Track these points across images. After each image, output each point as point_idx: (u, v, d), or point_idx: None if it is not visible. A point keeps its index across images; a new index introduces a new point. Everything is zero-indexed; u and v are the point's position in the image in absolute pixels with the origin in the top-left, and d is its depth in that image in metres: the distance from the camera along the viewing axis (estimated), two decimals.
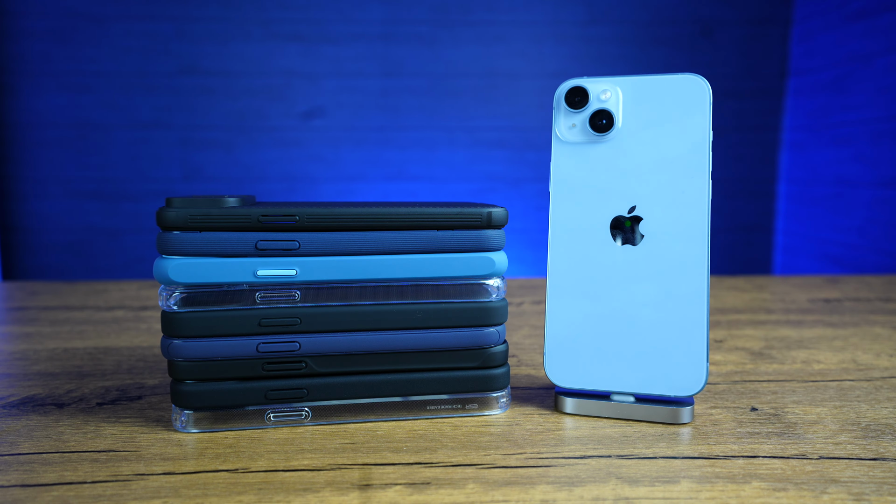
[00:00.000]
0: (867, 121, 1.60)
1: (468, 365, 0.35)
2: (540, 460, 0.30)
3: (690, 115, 0.33)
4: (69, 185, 1.84)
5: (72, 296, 0.70)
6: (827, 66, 1.75)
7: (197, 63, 1.82)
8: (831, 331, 0.56)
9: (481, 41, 1.86)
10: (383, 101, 1.87)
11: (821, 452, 0.31)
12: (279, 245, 0.32)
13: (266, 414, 0.33)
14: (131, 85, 1.81)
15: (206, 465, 0.29)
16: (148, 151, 1.84)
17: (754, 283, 0.80)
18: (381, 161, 1.89)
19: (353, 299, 0.34)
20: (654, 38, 1.88)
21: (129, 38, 1.79)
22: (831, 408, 0.37)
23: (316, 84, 1.84)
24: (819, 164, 1.79)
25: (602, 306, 0.35)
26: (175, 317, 0.32)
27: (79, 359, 0.47)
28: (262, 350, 0.33)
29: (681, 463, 0.30)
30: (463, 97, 1.88)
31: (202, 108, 1.83)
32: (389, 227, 0.33)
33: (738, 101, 1.91)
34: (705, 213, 0.33)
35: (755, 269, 1.99)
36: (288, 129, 1.86)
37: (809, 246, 1.84)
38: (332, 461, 0.30)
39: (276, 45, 1.82)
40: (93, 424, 0.34)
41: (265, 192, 1.85)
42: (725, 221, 1.96)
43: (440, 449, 0.31)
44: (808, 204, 1.84)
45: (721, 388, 0.40)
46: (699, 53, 1.89)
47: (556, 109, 0.35)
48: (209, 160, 1.85)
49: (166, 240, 0.32)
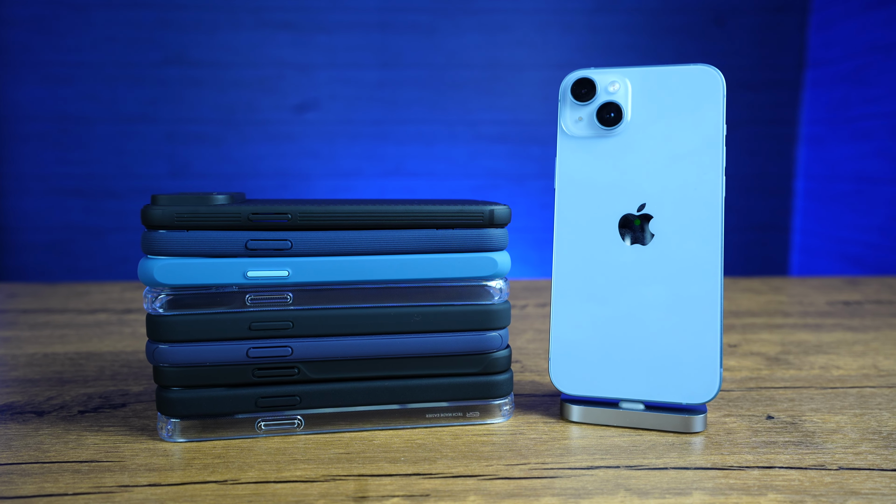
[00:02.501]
0: (889, 114, 1.60)
1: (469, 371, 0.35)
2: (545, 471, 0.30)
3: (703, 108, 0.33)
4: (50, 182, 1.84)
5: (52, 298, 0.70)
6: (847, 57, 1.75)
7: (184, 53, 1.82)
8: (851, 335, 0.56)
9: (483, 30, 1.86)
10: (380, 93, 1.87)
11: (840, 463, 0.31)
12: (270, 245, 0.32)
13: (257, 422, 0.33)
14: (115, 76, 1.81)
15: (194, 477, 0.29)
16: (132, 146, 1.84)
17: (770, 285, 0.80)
18: (378, 156, 1.89)
19: (348, 302, 0.34)
20: (665, 27, 1.88)
21: (113, 27, 1.79)
22: (851, 416, 0.37)
23: (309, 75, 1.84)
24: (838, 160, 1.79)
25: (610, 309, 0.35)
26: (161, 320, 0.32)
27: (59, 364, 0.47)
28: (252, 355, 0.33)
29: (693, 474, 0.30)
30: (464, 89, 1.88)
31: (189, 100, 1.83)
32: (386, 225, 0.33)
33: (753, 93, 1.91)
34: (719, 211, 0.33)
35: (771, 270, 1.99)
36: (280, 123, 1.86)
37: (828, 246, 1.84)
38: (326, 472, 0.30)
39: (268, 34, 1.82)
40: (74, 433, 0.34)
41: (256, 188, 1.85)
42: (740, 220, 1.96)
43: (440, 459, 0.31)
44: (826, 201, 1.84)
45: (735, 396, 0.40)
46: (712, 43, 1.89)
47: (561, 102, 0.35)
48: (197, 155, 1.85)
49: (152, 239, 0.32)
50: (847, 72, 1.75)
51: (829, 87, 1.83)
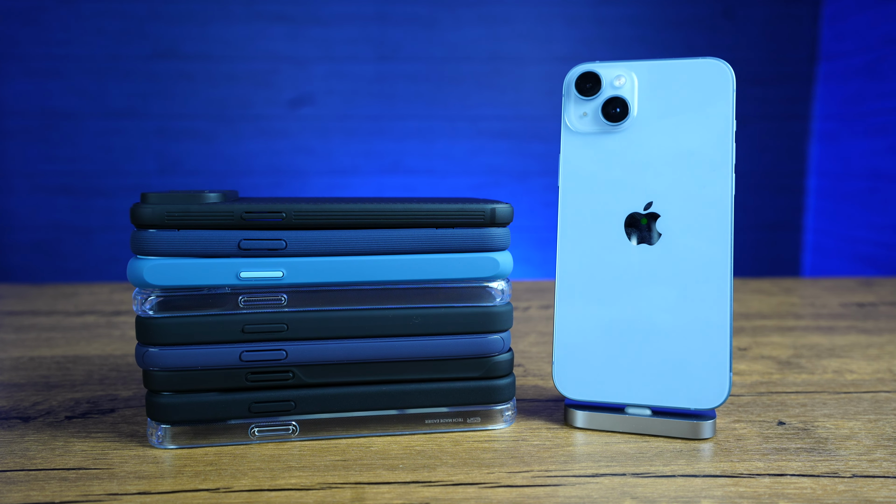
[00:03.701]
0: None
1: (470, 375, 0.35)
2: (548, 479, 0.30)
3: (712, 103, 0.33)
4: (35, 179, 1.84)
5: (39, 299, 0.70)
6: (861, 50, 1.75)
7: (175, 46, 1.82)
8: (865, 338, 0.56)
9: (484, 22, 1.86)
10: (378, 87, 1.87)
11: (854, 470, 0.31)
12: (264, 244, 0.32)
13: (250, 428, 0.33)
14: (103, 70, 1.81)
15: (185, 485, 0.29)
16: (121, 142, 1.84)
17: (781, 286, 0.80)
18: (376, 153, 1.89)
19: (344, 304, 0.34)
20: (673, 19, 1.88)
21: (102, 20, 1.79)
22: (865, 422, 0.37)
23: (304, 69, 1.84)
24: (852, 156, 1.79)
25: (616, 311, 0.35)
26: (151, 323, 0.32)
27: (46, 368, 0.47)
28: (245, 359, 0.33)
29: (701, 482, 0.30)
30: (464, 83, 1.88)
31: (180, 95, 1.83)
32: (384, 224, 0.33)
33: (764, 87, 1.91)
34: (728, 209, 0.33)
35: (782, 270, 1.99)
36: (274, 119, 1.86)
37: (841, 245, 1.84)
38: (322, 480, 0.30)
39: (261, 27, 1.82)
40: (61, 440, 0.34)
41: (249, 186, 1.85)
42: (750, 219, 1.96)
43: (439, 466, 0.31)
44: (839, 199, 1.84)
45: (745, 401, 0.40)
46: (721, 35, 1.89)
47: (565, 97, 0.35)
48: (188, 152, 1.85)
49: (141, 239, 0.32)
50: (861, 65, 1.75)
51: (842, 82, 1.83)
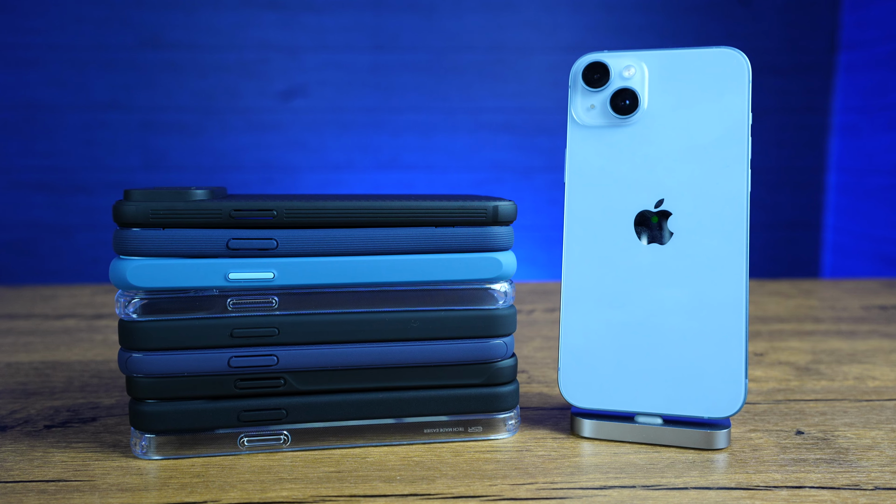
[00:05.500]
0: None
1: (471, 382, 0.35)
2: (553, 491, 0.30)
3: (726, 95, 0.33)
4: (12, 175, 1.84)
5: (16, 302, 0.70)
6: (884, 39, 1.75)
7: (160, 35, 1.82)
8: (888, 343, 0.56)
9: (487, 10, 1.86)
10: (374, 78, 1.87)
11: (876, 482, 0.31)
12: (254, 244, 0.32)
13: (239, 438, 0.33)
14: (84, 60, 1.81)
15: (171, 497, 0.29)
16: (103, 136, 1.84)
17: (800, 288, 0.80)
18: (372, 147, 1.89)
19: (338, 306, 0.34)
20: (685, 6, 1.88)
21: (82, 6, 1.79)
22: (888, 431, 0.37)
23: (297, 59, 1.84)
24: (874, 151, 1.79)
25: (625, 314, 0.35)
26: (134, 326, 0.32)
27: (24, 375, 0.47)
28: (234, 365, 0.33)
29: (715, 494, 0.30)
30: (465, 74, 1.88)
31: (166, 86, 1.83)
32: (381, 223, 0.33)
33: (782, 78, 1.91)
34: (744, 207, 0.33)
35: (801, 271, 1.99)
36: (264, 111, 1.86)
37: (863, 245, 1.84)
38: (315, 492, 0.30)
39: (251, 14, 1.82)
40: (40, 450, 0.34)
41: (238, 183, 1.85)
42: (767, 217, 1.96)
43: (439, 478, 0.31)
44: (861, 197, 1.84)
45: (762, 409, 0.40)
46: (737, 23, 1.89)
47: (572, 88, 0.35)
48: (174, 146, 1.85)
49: (124, 238, 0.32)
50: (884, 55, 1.75)
51: (864, 72, 1.83)
